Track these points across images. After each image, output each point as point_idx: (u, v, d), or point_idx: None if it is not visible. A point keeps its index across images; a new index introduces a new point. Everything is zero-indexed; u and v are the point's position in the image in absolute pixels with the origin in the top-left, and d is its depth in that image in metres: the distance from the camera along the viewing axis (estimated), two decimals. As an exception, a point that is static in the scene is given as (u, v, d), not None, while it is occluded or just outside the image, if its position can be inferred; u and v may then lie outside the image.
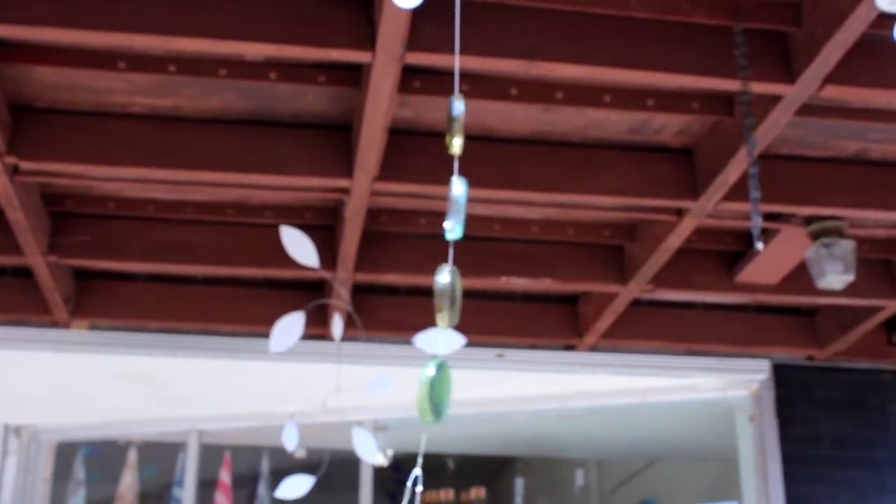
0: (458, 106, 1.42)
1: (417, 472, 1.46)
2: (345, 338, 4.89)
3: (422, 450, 1.46)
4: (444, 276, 1.43)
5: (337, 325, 3.67)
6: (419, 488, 1.47)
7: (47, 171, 3.85)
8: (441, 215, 4.39)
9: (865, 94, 3.41)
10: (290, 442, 3.81)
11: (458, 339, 1.50)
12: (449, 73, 3.40)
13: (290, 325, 3.80)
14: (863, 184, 4.10)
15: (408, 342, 3.96)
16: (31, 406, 5.96)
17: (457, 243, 1.52)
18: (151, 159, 3.76)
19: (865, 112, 3.67)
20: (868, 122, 3.72)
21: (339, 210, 4.26)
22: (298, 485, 3.45)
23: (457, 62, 1.57)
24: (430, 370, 1.42)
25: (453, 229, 1.45)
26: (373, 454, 3.59)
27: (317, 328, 4.91)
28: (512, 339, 5.33)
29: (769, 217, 4.17)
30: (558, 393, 5.90)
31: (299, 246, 3.60)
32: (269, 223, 4.49)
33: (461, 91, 3.42)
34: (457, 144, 1.43)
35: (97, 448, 7.17)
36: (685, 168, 3.99)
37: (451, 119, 1.42)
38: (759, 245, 3.40)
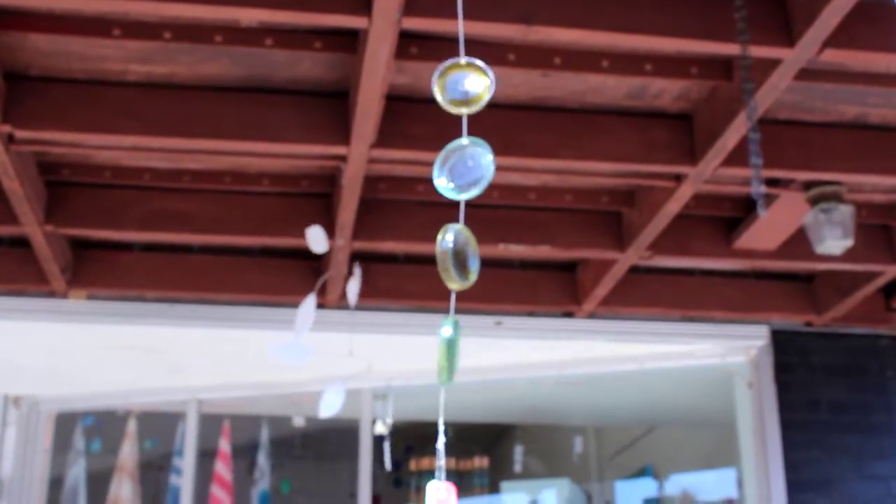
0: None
1: (441, 442, 1.44)
2: (345, 306, 4.90)
3: (441, 417, 1.45)
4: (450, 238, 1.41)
5: (352, 289, 3.67)
6: (442, 461, 1.46)
7: (43, 140, 3.83)
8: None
9: (865, 57, 3.38)
10: (383, 425, 3.85)
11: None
12: (446, 39, 3.38)
13: (306, 310, 3.80)
14: (862, 149, 4.08)
15: (408, 310, 3.97)
16: (30, 376, 5.97)
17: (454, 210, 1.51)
18: (147, 127, 3.74)
19: (865, 76, 3.65)
20: (867, 86, 3.70)
21: (337, 178, 4.25)
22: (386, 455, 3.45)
23: (461, 45, 1.55)
24: (447, 330, 1.40)
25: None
26: (331, 410, 3.59)
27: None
28: (510, 307, 5.33)
29: (768, 182, 4.16)
30: (557, 360, 5.91)
31: (318, 240, 3.63)
32: (266, 191, 4.48)
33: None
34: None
35: (97, 418, 7.19)
36: (683, 133, 3.97)
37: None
38: (762, 211, 3.38)
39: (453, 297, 1.38)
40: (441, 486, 1.36)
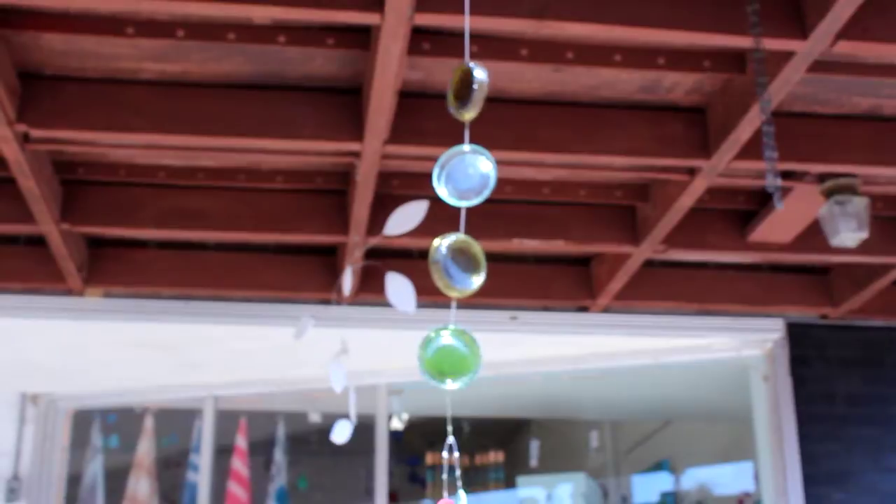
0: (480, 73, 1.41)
1: (450, 438, 1.45)
2: (360, 302, 4.91)
3: (448, 413, 1.46)
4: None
5: (347, 281, 3.67)
6: (455, 454, 1.47)
7: (58, 139, 3.85)
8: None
9: (878, 49, 3.38)
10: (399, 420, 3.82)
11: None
12: (459, 35, 3.38)
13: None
14: (876, 140, 4.07)
15: (422, 306, 3.98)
16: (47, 374, 6.00)
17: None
18: (161, 125, 3.75)
19: (878, 68, 3.64)
20: (881, 77, 3.68)
21: (350, 174, 4.26)
22: None
23: (466, 27, 1.56)
24: (442, 338, 1.41)
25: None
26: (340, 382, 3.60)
27: (328, 293, 4.93)
28: (525, 302, 5.33)
29: (782, 175, 4.14)
30: (572, 355, 5.91)
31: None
32: (280, 188, 4.49)
33: (470, 52, 3.40)
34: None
35: (114, 415, 7.22)
36: (697, 127, 3.96)
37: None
38: (779, 204, 3.37)
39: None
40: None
